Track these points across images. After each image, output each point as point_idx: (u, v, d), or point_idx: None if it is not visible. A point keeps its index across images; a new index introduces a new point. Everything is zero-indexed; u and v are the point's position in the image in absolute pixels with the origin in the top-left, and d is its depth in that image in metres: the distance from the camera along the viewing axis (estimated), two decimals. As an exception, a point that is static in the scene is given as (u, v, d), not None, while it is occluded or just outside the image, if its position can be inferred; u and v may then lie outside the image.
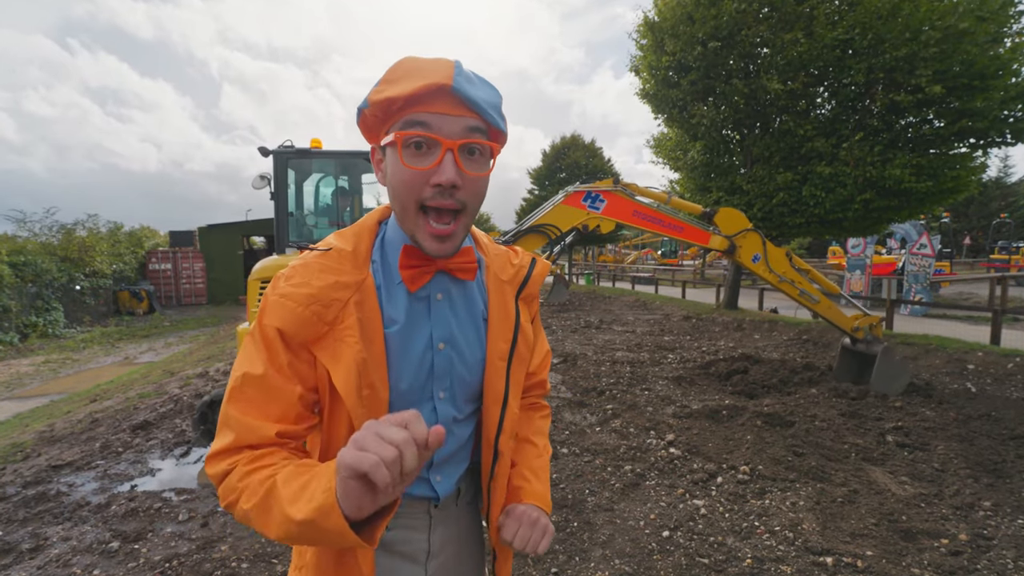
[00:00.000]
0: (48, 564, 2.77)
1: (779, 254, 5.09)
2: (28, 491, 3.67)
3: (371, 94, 0.74)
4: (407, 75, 0.73)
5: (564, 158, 27.84)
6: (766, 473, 3.60)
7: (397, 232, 0.84)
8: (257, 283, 4.47)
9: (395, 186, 0.76)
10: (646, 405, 5.23)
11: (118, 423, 5.23)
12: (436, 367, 0.84)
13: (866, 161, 8.43)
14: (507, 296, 0.90)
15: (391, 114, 0.75)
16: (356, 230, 0.84)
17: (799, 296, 5.15)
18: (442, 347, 0.84)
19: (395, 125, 0.75)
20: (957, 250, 27.83)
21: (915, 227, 13.22)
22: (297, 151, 4.85)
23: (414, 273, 0.81)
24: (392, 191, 0.78)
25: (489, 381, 0.88)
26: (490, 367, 0.88)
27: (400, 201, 0.77)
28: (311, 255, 0.79)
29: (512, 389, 0.90)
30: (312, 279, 0.76)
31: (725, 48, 9.33)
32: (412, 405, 0.83)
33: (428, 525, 0.93)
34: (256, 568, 2.70)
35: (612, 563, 2.68)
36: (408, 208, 0.76)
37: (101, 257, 16.18)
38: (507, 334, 0.89)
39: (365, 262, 0.81)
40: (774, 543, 2.81)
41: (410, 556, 0.92)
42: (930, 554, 2.68)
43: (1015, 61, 7.61)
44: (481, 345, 0.88)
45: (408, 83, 0.71)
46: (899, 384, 5.33)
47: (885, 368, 5.25)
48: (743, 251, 5.02)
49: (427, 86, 0.70)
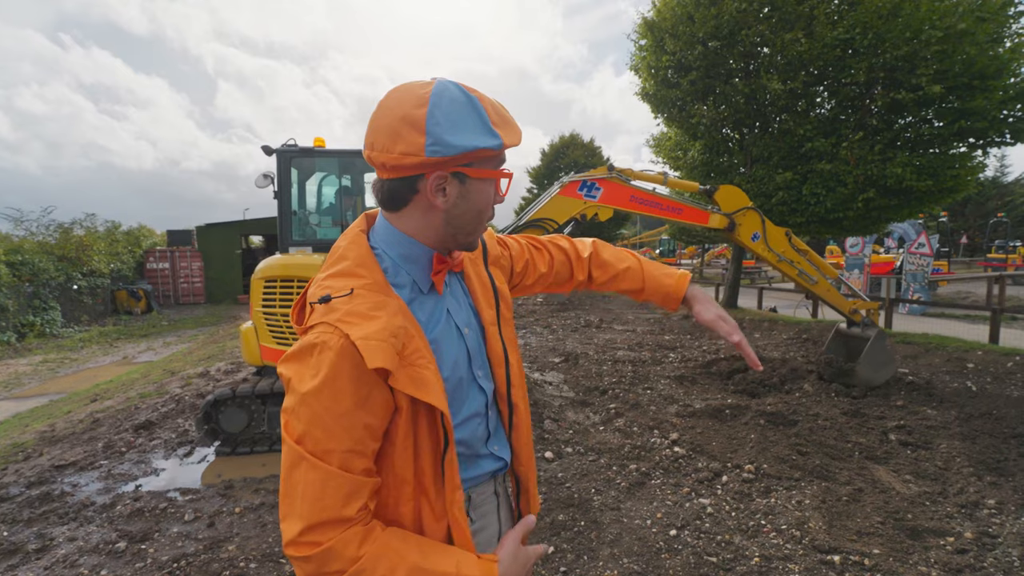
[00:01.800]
0: (55, 564, 2.76)
1: (779, 233, 5.07)
2: (32, 491, 3.66)
3: (504, 137, 0.83)
4: (507, 123, 0.85)
5: (563, 157, 27.85)
6: (771, 472, 3.61)
7: (411, 248, 0.88)
8: (261, 282, 4.46)
9: (482, 209, 0.89)
10: (649, 404, 5.24)
11: (120, 423, 5.21)
12: (470, 351, 0.95)
13: (867, 159, 8.46)
14: (479, 268, 1.03)
15: (501, 155, 0.88)
16: (357, 260, 0.86)
17: (798, 276, 5.13)
18: (467, 331, 0.95)
19: (491, 162, 0.87)
20: (955, 249, 27.93)
21: (913, 226, 13.26)
22: (300, 150, 4.84)
23: (440, 276, 0.92)
24: (461, 215, 0.87)
25: (490, 346, 0.99)
26: (488, 333, 0.99)
27: (474, 223, 0.90)
28: (338, 301, 0.79)
29: (508, 347, 1.01)
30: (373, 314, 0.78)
31: (725, 48, 9.33)
32: (465, 392, 0.93)
33: (497, 506, 1.04)
34: (264, 568, 2.70)
35: (620, 562, 2.68)
36: (479, 229, 0.92)
37: (99, 256, 16.10)
38: (490, 300, 1.01)
39: (389, 286, 0.85)
40: (781, 541, 2.82)
41: (488, 542, 1.01)
42: (936, 552, 2.69)
43: (1015, 61, 7.63)
44: (477, 318, 0.99)
45: (516, 133, 0.86)
46: (884, 373, 5.33)
47: (875, 354, 5.26)
48: (742, 229, 4.99)
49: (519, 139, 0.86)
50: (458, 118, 0.79)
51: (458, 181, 0.84)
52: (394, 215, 0.88)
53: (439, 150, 0.78)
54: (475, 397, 0.95)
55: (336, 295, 0.80)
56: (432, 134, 0.77)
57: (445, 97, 0.80)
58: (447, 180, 0.83)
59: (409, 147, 0.78)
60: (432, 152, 0.78)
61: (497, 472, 1.03)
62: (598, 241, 1.29)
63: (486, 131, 0.81)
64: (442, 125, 0.78)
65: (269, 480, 3.82)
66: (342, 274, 0.84)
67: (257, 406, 4.38)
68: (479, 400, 0.95)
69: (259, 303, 4.45)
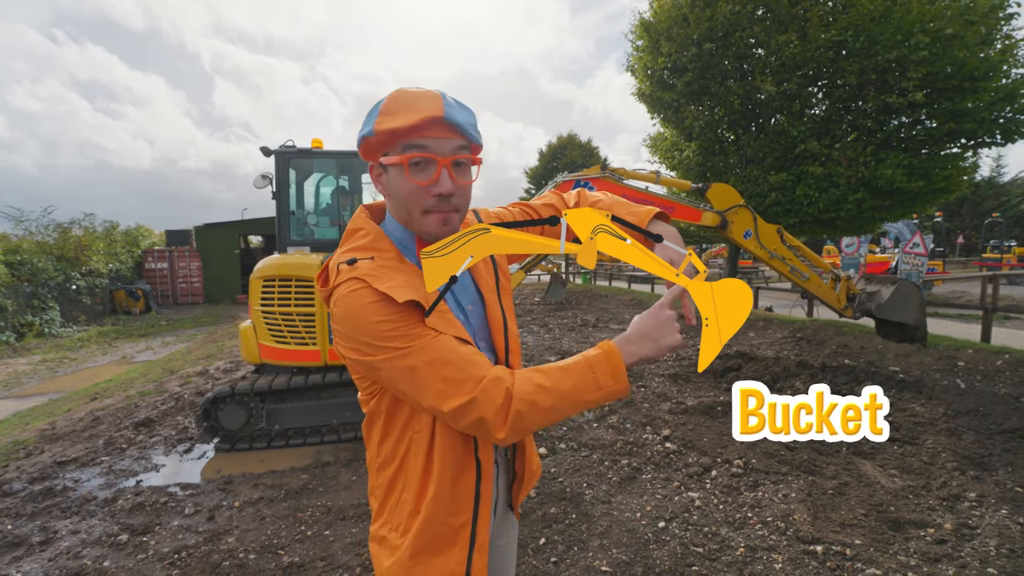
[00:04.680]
0: (59, 556, 2.83)
1: (770, 230, 5.12)
2: (34, 486, 3.72)
3: (375, 124, 0.90)
4: (404, 108, 0.89)
5: (561, 157, 27.98)
6: (759, 466, 3.69)
7: (402, 233, 1.01)
8: (259, 282, 4.53)
9: (402, 198, 0.94)
10: (642, 401, 5.32)
11: (120, 420, 5.28)
12: (474, 326, 1.04)
13: (859, 161, 8.54)
14: None
15: (393, 140, 0.91)
16: (375, 237, 0.99)
17: (790, 273, 5.18)
18: (470, 308, 1.04)
19: (395, 148, 0.92)
20: (950, 249, 28.06)
21: (908, 226, 13.38)
22: (298, 151, 4.91)
23: None
24: (398, 201, 0.95)
25: (490, 313, 1.06)
26: (488, 301, 1.06)
27: (407, 209, 0.95)
28: (362, 263, 0.92)
29: (508, 316, 1.08)
30: (395, 276, 0.91)
31: (720, 49, 9.41)
32: None
33: (496, 475, 1.13)
34: (263, 559, 2.77)
35: (610, 552, 2.76)
36: (414, 213, 0.95)
37: (97, 256, 16.15)
38: (490, 271, 1.09)
39: (403, 257, 0.98)
40: (766, 533, 2.89)
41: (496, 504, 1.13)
42: (916, 543, 2.77)
43: (1004, 63, 7.72)
44: (479, 291, 1.07)
45: (408, 116, 0.88)
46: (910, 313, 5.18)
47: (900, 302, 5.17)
48: (735, 227, 5.04)
49: (424, 118, 0.88)
50: (368, 114, 0.93)
51: (384, 171, 0.96)
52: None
53: (358, 141, 0.94)
54: None
55: (361, 257, 0.93)
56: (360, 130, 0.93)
57: (387, 99, 0.93)
58: (379, 171, 0.96)
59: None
60: (357, 143, 0.94)
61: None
62: (583, 190, 1.30)
63: (369, 120, 0.92)
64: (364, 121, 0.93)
65: (267, 475, 3.88)
66: (364, 248, 0.97)
67: (256, 403, 4.44)
68: None
69: (258, 302, 4.52)
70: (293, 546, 2.89)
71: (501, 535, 1.23)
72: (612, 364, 0.91)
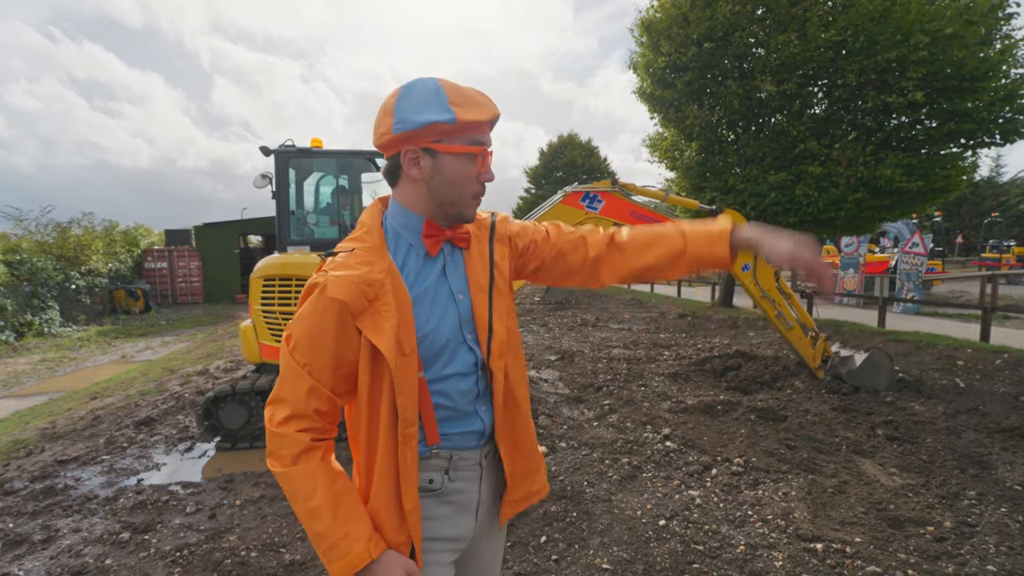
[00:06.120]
0: (60, 554, 2.84)
1: (768, 271, 5.16)
2: (36, 485, 3.72)
3: (458, 114, 0.95)
4: (473, 103, 0.98)
5: (561, 157, 27.96)
6: (759, 465, 3.70)
7: (407, 218, 1.05)
8: (260, 281, 4.53)
9: (455, 182, 1.01)
10: (643, 400, 5.33)
11: (121, 420, 5.28)
12: (461, 315, 1.05)
13: (858, 161, 8.56)
14: (483, 242, 1.12)
15: (466, 131, 0.98)
16: (368, 228, 1.04)
17: (775, 318, 5.21)
18: (461, 297, 1.06)
19: (460, 139, 0.99)
20: (949, 249, 28.09)
21: (908, 226, 13.38)
22: (298, 150, 4.91)
23: (433, 241, 1.05)
24: (449, 186, 1.01)
25: (476, 311, 1.07)
26: (474, 299, 1.07)
27: (459, 193, 1.02)
28: (343, 254, 1.00)
29: (495, 316, 1.08)
30: (357, 267, 0.97)
31: (720, 49, 9.43)
32: (451, 351, 1.04)
33: (479, 476, 1.12)
34: (265, 557, 2.78)
35: (610, 550, 2.77)
36: (465, 195, 1.03)
37: (97, 256, 16.14)
38: (485, 270, 1.10)
39: (385, 251, 1.02)
40: (767, 531, 2.90)
41: (465, 505, 1.11)
42: (916, 540, 2.78)
43: (1004, 63, 7.74)
44: (469, 286, 1.09)
45: (482, 111, 0.98)
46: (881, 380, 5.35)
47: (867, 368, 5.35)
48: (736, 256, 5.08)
49: (494, 116, 1.00)
50: (421, 101, 0.96)
51: (429, 156, 0.99)
52: (395, 191, 1.07)
53: (402, 127, 0.96)
54: (464, 356, 1.05)
55: (342, 251, 1.01)
56: (397, 115, 0.96)
57: (417, 87, 0.98)
58: (418, 154, 0.99)
59: (384, 128, 0.98)
60: (397, 129, 0.96)
61: (481, 439, 1.10)
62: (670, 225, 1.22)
63: (442, 108, 0.95)
64: (406, 108, 0.96)
65: (269, 474, 3.88)
66: (353, 239, 1.03)
67: (257, 402, 4.45)
68: (468, 360, 1.06)
69: (258, 301, 4.53)
70: (294, 544, 2.90)
71: (483, 552, 1.19)
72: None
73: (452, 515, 1.09)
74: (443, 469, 1.06)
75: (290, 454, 0.95)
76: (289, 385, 0.97)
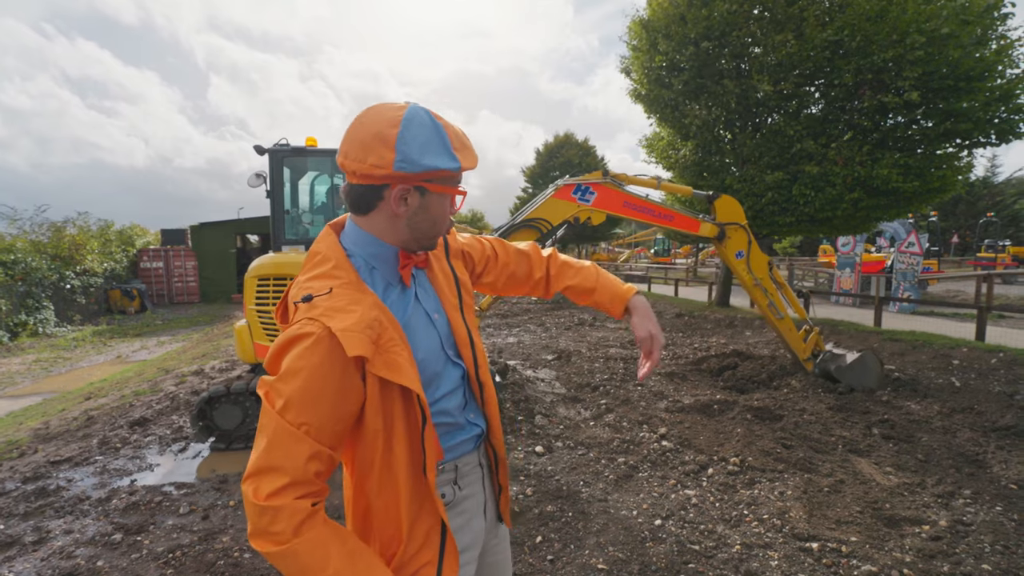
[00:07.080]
0: (51, 556, 2.81)
1: (762, 259, 5.16)
2: (27, 486, 3.69)
3: (463, 162, 0.97)
4: (465, 148, 0.99)
5: (557, 157, 27.96)
6: (755, 464, 3.69)
7: (378, 247, 1.01)
8: (254, 280, 4.51)
9: (436, 219, 1.02)
10: (639, 400, 5.32)
11: (115, 420, 5.25)
12: (440, 334, 1.07)
13: (854, 161, 8.57)
14: (440, 259, 1.15)
15: (459, 176, 1.00)
16: (336, 262, 0.98)
17: (767, 307, 5.21)
18: (436, 317, 1.07)
19: (450, 180, 1.00)
20: (945, 248, 28.17)
21: (904, 226, 13.42)
22: (292, 149, 4.89)
23: (407, 271, 1.04)
24: (431, 222, 1.02)
25: (455, 328, 1.09)
26: (451, 317, 1.10)
27: (437, 229, 1.04)
28: (319, 299, 0.91)
29: (472, 330, 1.13)
30: (350, 309, 0.90)
31: (717, 48, 9.44)
32: (439, 370, 1.05)
33: (482, 476, 1.16)
34: (258, 558, 2.76)
35: (606, 550, 2.76)
36: (441, 230, 1.05)
37: (92, 255, 16.07)
38: (452, 288, 1.13)
39: (364, 285, 0.97)
40: (762, 530, 2.90)
41: (475, 509, 1.14)
42: (911, 539, 2.78)
43: (1000, 63, 7.76)
44: (442, 305, 1.11)
45: (472, 159, 1.00)
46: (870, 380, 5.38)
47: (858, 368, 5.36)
48: (730, 243, 5.08)
49: (476, 162, 1.01)
50: (425, 141, 0.93)
51: (419, 193, 0.98)
52: (362, 218, 1.01)
53: (406, 167, 0.92)
54: (451, 372, 1.07)
55: (317, 294, 0.91)
56: (401, 152, 0.91)
57: (415, 122, 0.93)
58: (409, 192, 0.97)
59: (379, 160, 0.91)
60: (399, 167, 0.91)
61: (478, 440, 1.15)
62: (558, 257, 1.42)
63: (448, 155, 0.95)
64: (410, 146, 0.92)
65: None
66: (322, 276, 0.95)
67: (252, 403, 4.42)
68: (455, 374, 1.08)
69: (253, 301, 4.50)
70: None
71: (491, 551, 1.23)
72: None
73: (466, 523, 1.11)
74: (452, 481, 1.09)
75: (290, 526, 0.83)
76: (283, 451, 0.84)
